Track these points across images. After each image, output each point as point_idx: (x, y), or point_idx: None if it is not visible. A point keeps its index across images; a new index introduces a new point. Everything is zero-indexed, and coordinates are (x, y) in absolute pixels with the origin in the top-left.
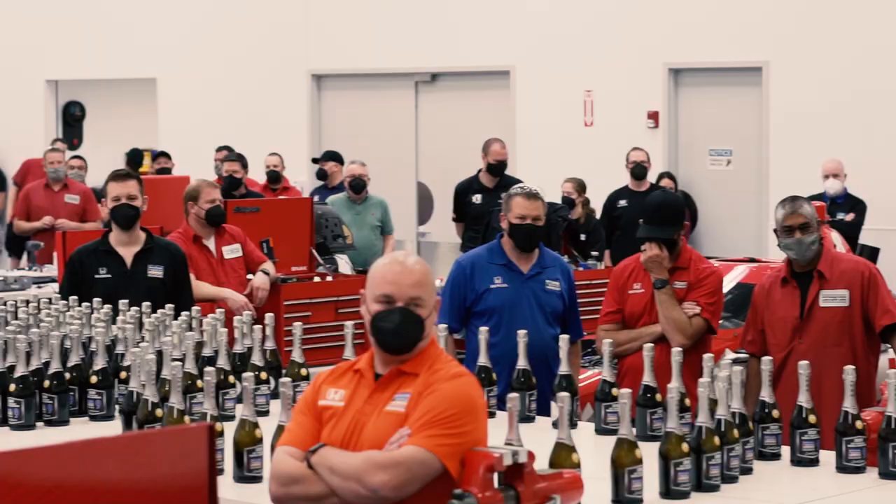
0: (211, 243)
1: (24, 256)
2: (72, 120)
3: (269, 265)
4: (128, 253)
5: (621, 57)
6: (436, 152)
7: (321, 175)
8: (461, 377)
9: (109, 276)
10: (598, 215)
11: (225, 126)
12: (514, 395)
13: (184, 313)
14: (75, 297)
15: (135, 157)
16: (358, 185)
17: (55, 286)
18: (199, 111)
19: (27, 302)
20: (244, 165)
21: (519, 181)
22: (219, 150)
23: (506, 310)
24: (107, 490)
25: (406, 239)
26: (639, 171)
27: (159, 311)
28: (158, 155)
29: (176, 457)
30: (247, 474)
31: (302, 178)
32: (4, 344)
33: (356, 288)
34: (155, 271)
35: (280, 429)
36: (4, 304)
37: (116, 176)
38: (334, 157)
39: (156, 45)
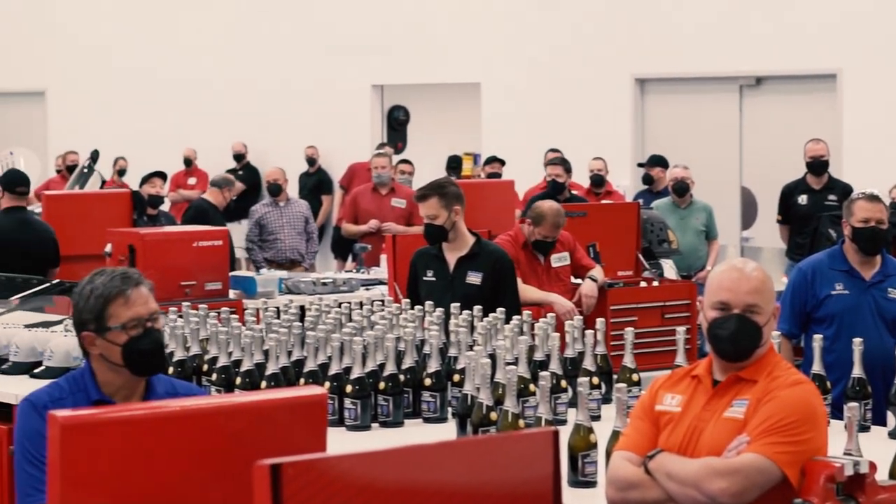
0: None
1: (350, 258)
2: (396, 124)
3: (597, 271)
4: (453, 258)
5: None
6: (760, 157)
7: (647, 180)
8: (801, 384)
9: (434, 279)
10: None
11: (549, 130)
12: (853, 404)
13: (515, 318)
14: (408, 301)
15: (452, 163)
16: (681, 189)
17: (383, 288)
18: (522, 116)
19: (360, 304)
20: (567, 170)
21: (846, 185)
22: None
23: (846, 317)
24: (452, 494)
25: (729, 244)
26: None
27: (490, 315)
28: (491, 160)
29: (521, 462)
30: (581, 479)
31: (625, 182)
32: (341, 346)
33: (682, 293)
34: (473, 278)
35: (615, 434)
36: (339, 305)
37: (417, 197)
38: (660, 161)
39: (478, 50)
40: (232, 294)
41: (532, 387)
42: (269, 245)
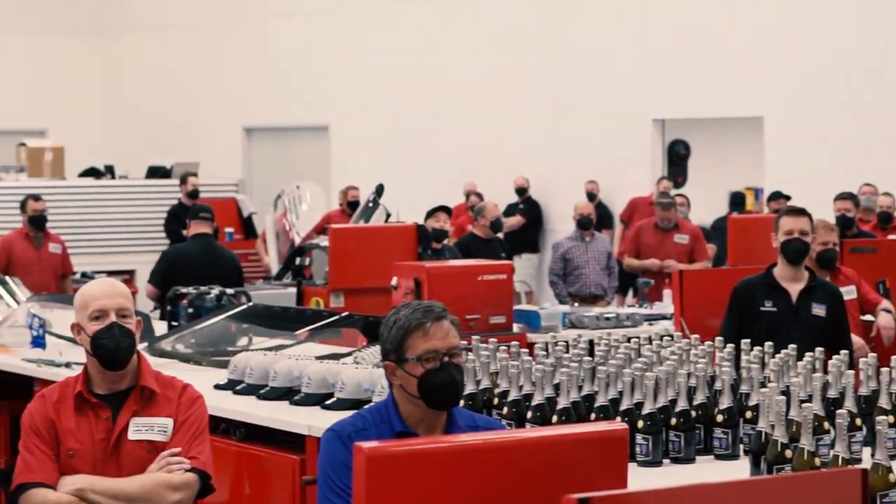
0: None
1: (631, 293)
2: (676, 158)
3: (888, 304)
4: (793, 289)
5: None
6: None
7: None
8: None
9: (775, 309)
10: None
11: (834, 164)
12: None
13: (808, 355)
14: (697, 336)
15: (736, 198)
16: None
17: (667, 323)
18: (808, 150)
19: (650, 339)
20: (857, 204)
21: None
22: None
23: None
24: None
25: None
26: None
27: (782, 351)
28: (776, 196)
29: (828, 501)
30: None
31: None
32: (632, 381)
33: None
34: (818, 310)
35: None
36: (628, 340)
37: (791, 211)
38: None
39: (761, 84)
40: (516, 328)
41: (826, 424)
42: (573, 280)
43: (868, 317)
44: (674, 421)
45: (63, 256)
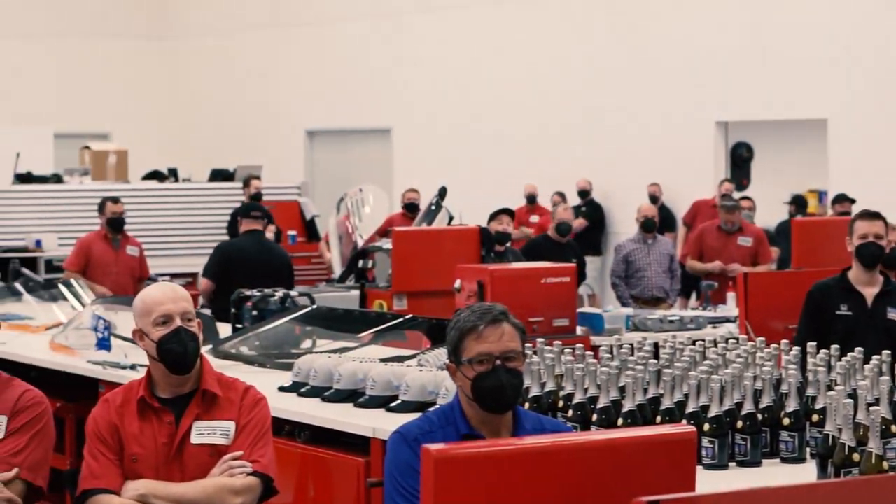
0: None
1: (694, 296)
2: (739, 161)
3: None
4: (868, 293)
5: None
6: None
7: None
8: None
9: (850, 313)
10: None
11: None
12: None
13: (874, 358)
14: (763, 339)
15: (799, 201)
16: None
17: (731, 326)
18: (871, 153)
19: (714, 342)
20: None
21: None
22: None
23: None
24: None
25: None
26: None
27: (849, 354)
28: (840, 198)
29: None
30: None
31: None
32: (698, 384)
33: None
34: (893, 314)
35: None
36: (693, 343)
37: (866, 214)
38: None
39: (825, 86)
40: (579, 330)
41: (894, 428)
42: (635, 282)
43: None
44: (740, 424)
45: (140, 259)
